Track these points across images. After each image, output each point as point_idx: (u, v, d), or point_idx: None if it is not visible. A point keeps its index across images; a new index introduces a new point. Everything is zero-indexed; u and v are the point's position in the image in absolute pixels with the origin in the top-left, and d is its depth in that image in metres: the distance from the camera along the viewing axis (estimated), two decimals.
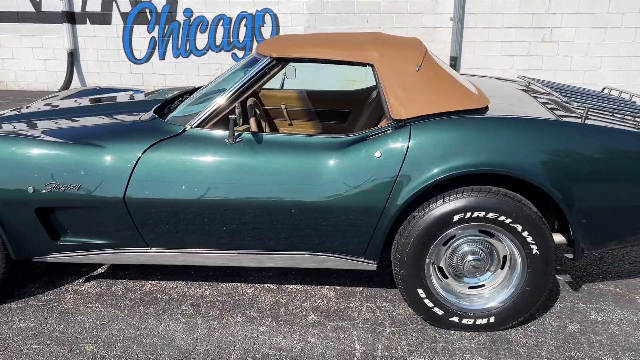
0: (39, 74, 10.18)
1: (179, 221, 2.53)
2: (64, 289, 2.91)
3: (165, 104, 3.01)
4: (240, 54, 9.41)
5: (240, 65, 2.93)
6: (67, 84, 9.86)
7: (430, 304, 2.50)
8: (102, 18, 9.71)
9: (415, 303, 2.51)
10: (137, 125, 2.64)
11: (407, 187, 2.36)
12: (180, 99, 3.15)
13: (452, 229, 2.40)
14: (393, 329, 2.58)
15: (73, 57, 9.95)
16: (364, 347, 2.44)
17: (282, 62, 2.61)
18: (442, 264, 2.55)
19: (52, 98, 3.53)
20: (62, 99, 3.45)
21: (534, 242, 2.36)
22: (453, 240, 2.51)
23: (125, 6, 9.59)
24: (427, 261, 2.44)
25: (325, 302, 2.80)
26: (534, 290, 2.45)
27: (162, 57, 9.76)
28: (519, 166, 2.31)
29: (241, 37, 9.34)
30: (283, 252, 2.59)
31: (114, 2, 9.58)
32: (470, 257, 2.48)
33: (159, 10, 9.49)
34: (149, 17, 9.56)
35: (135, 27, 9.72)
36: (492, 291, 2.55)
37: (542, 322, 2.62)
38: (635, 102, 2.99)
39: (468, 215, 2.35)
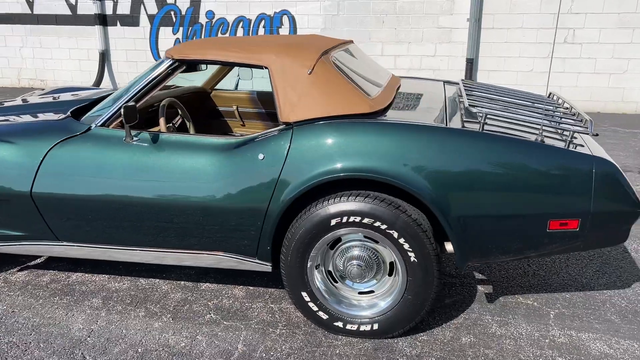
0: (74, 73, 10.71)
1: (82, 217, 2.64)
2: None
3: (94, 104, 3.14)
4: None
5: (151, 67, 3.01)
6: (97, 83, 10.35)
7: (315, 308, 2.49)
8: (131, 20, 10.12)
9: (301, 306, 2.51)
10: (48, 124, 2.77)
11: (287, 190, 2.36)
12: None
13: (332, 234, 2.38)
14: (284, 331, 2.58)
15: (104, 58, 10.42)
16: (246, 347, 2.46)
17: (183, 63, 2.66)
18: (330, 268, 2.53)
19: (29, 96, 3.70)
20: (39, 96, 3.60)
21: (411, 249, 2.31)
22: (340, 244, 2.49)
23: (152, 8, 9.95)
24: (309, 264, 2.43)
25: (231, 301, 2.84)
26: (416, 299, 2.39)
27: None
28: (392, 172, 2.26)
29: None
30: (182, 250, 2.64)
31: (142, 5, 9.94)
32: (354, 262, 2.45)
33: (183, 13, 9.77)
34: (174, 19, 9.87)
35: (161, 28, 10.06)
36: (378, 298, 2.50)
37: (435, 333, 2.55)
38: (561, 112, 2.85)
39: (345, 219, 2.33)
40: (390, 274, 2.50)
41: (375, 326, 2.46)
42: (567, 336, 2.52)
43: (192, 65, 2.81)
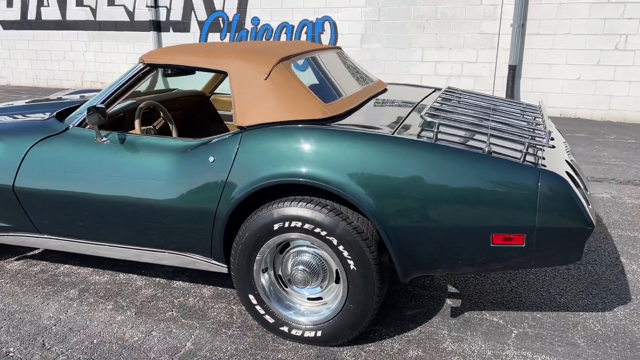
0: None
1: (58, 211, 2.80)
2: None
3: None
4: (300, 61, 9.59)
5: (126, 71, 3.14)
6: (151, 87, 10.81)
7: (262, 311, 2.51)
8: (182, 26, 10.53)
9: (249, 308, 2.54)
10: (32, 124, 2.96)
11: (233, 193, 2.40)
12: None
13: (275, 238, 2.39)
14: (235, 332, 2.62)
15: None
16: (194, 345, 2.52)
17: (154, 67, 2.77)
18: (280, 272, 2.55)
19: (54, 95, 3.95)
20: (64, 96, 3.86)
21: (350, 257, 2.28)
22: (288, 249, 2.50)
23: (202, 15, 10.31)
24: (255, 267, 2.46)
25: (196, 300, 2.91)
26: (358, 308, 2.35)
27: None
28: (331, 179, 2.25)
29: None
30: (144, 248, 2.75)
31: (192, 11, 10.33)
32: (299, 267, 2.46)
33: (230, 19, 10.07)
34: (222, 25, 10.19)
35: (210, 34, 10.41)
36: (324, 305, 2.49)
37: (384, 344, 2.50)
38: (538, 126, 2.72)
39: (287, 225, 2.34)
40: (337, 282, 2.48)
41: (319, 333, 2.45)
42: (521, 357, 2.40)
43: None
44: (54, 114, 3.06)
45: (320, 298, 2.53)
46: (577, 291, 2.96)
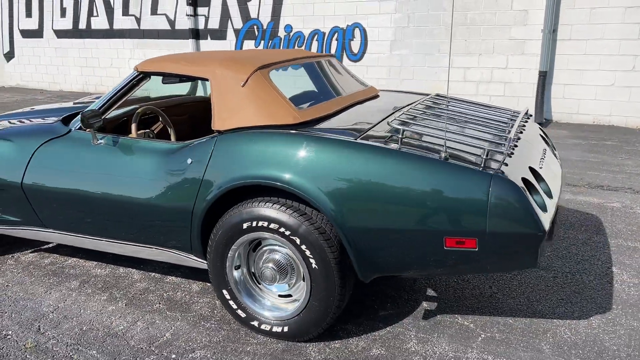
0: None
1: (59, 207, 3.04)
2: (10, 256, 3.62)
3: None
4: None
5: (124, 79, 3.35)
6: (190, 93, 11.22)
7: (234, 306, 2.65)
8: (219, 34, 10.89)
9: (224, 303, 2.68)
10: (40, 126, 3.22)
11: (207, 193, 2.56)
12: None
13: (245, 236, 2.52)
14: (213, 325, 2.77)
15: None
16: (172, 335, 2.69)
17: (147, 75, 2.96)
18: (253, 270, 2.68)
19: (81, 99, 4.24)
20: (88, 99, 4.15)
21: (312, 256, 2.39)
22: (260, 247, 2.63)
23: (238, 23, 10.63)
24: (228, 264, 2.60)
25: (183, 295, 3.08)
26: (321, 306, 2.45)
27: None
28: (293, 181, 2.36)
29: (332, 51, 9.74)
30: (135, 243, 2.94)
31: (229, 20, 10.67)
32: (268, 265, 2.58)
33: (264, 27, 10.34)
34: (256, 33, 10.46)
35: (245, 42, 10.71)
36: (291, 302, 2.60)
37: (350, 342, 2.59)
38: (506, 133, 2.75)
39: (255, 224, 2.47)
40: (304, 280, 2.58)
41: (286, 329, 2.56)
42: (479, 359, 2.44)
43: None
44: (61, 118, 3.31)
45: (290, 295, 2.64)
46: (558, 299, 2.94)
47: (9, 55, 14.29)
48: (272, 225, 2.43)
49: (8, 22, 14.03)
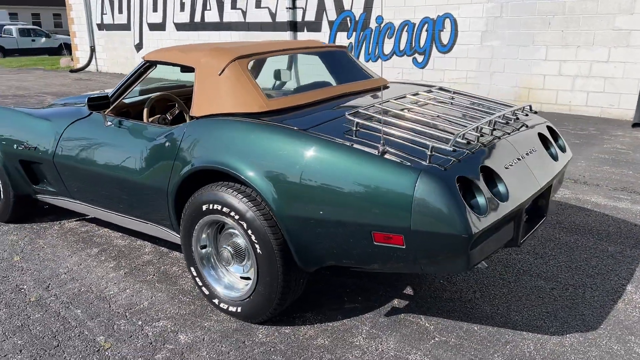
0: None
1: (78, 180, 3.41)
2: (58, 222, 4.11)
3: None
4: (420, 58, 9.66)
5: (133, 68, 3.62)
6: None
7: (200, 283, 2.81)
8: (314, 26, 11.14)
9: (193, 279, 2.85)
10: (70, 109, 3.61)
11: (175, 176, 2.74)
12: None
13: (206, 218, 2.66)
14: (187, 299, 2.95)
15: (291, 61, 11.63)
16: (149, 304, 2.91)
17: (152, 64, 3.21)
18: (218, 250, 2.81)
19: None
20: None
21: (256, 241, 2.46)
22: (224, 229, 2.75)
23: (332, 15, 10.80)
24: (193, 243, 2.77)
25: (178, 269, 3.31)
26: (266, 291, 2.52)
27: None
28: (238, 167, 2.45)
29: (422, 42, 9.57)
30: (128, 216, 3.23)
31: (324, 12, 10.87)
32: (226, 247, 2.70)
33: (357, 18, 10.40)
34: (349, 25, 10.56)
35: (338, 34, 10.86)
36: (245, 284, 2.69)
37: (301, 329, 2.63)
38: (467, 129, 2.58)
39: (211, 207, 2.59)
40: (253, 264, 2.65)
41: (239, 309, 2.66)
42: None
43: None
44: (86, 101, 3.69)
45: (248, 278, 2.74)
46: (542, 312, 2.71)
47: (139, 46, 15.75)
48: (224, 209, 2.54)
49: (139, 17, 15.49)
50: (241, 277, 2.77)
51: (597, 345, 2.43)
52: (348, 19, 10.56)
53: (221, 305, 2.73)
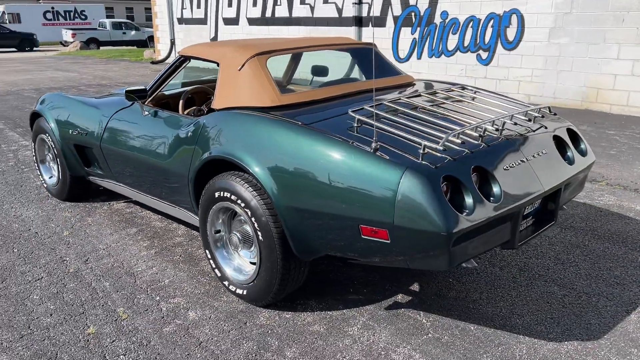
0: None
1: (119, 163, 3.71)
2: (108, 203, 4.47)
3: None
4: (484, 55, 9.48)
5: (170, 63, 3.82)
6: None
7: (213, 265, 2.99)
8: (379, 21, 11.16)
9: (208, 261, 3.04)
10: (118, 99, 3.90)
11: (194, 165, 2.93)
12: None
13: (218, 205, 2.82)
14: (204, 280, 3.15)
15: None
16: (169, 282, 3.13)
17: (186, 58, 3.42)
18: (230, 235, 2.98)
19: None
20: None
21: (259, 228, 2.60)
22: (237, 215, 2.91)
23: (397, 10, 10.78)
24: (208, 227, 2.95)
25: (202, 253, 3.51)
26: (267, 276, 2.65)
27: (419, 57, 10.58)
28: (243, 158, 2.60)
29: (487, 38, 9.37)
30: (158, 199, 3.48)
31: (389, 7, 10.87)
32: (236, 233, 2.85)
33: (422, 14, 10.32)
34: (413, 20, 10.49)
35: (402, 29, 10.82)
36: (252, 269, 2.83)
37: (301, 315, 2.74)
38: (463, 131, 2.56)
39: (222, 194, 2.76)
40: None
41: (245, 292, 2.81)
42: (407, 356, 2.39)
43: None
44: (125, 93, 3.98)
45: (255, 263, 2.88)
46: (546, 318, 2.67)
47: (214, 40, 16.37)
48: (232, 197, 2.69)
49: (215, 12, 16.10)
50: (250, 262, 2.91)
51: (595, 355, 2.37)
52: (413, 14, 10.47)
53: (230, 287, 2.90)
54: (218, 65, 3.13)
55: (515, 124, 2.77)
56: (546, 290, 2.92)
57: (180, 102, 3.69)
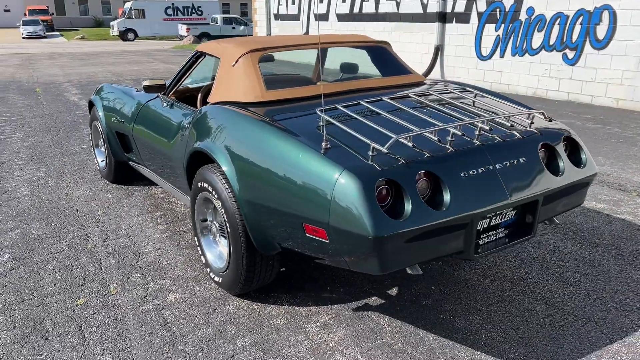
0: (414, 65, 12.04)
1: (145, 149, 3.97)
2: (147, 188, 4.79)
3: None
4: (570, 54, 8.92)
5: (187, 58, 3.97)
6: (426, 74, 11.49)
7: (200, 252, 3.13)
8: (464, 17, 10.82)
9: (197, 247, 3.19)
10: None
11: (186, 155, 3.08)
12: None
13: (201, 194, 2.95)
14: (198, 266, 3.30)
15: (438, 52, 11.43)
16: (167, 265, 3.32)
17: (201, 54, 3.58)
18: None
19: None
20: None
21: (227, 220, 2.69)
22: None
23: (482, 6, 10.40)
24: (195, 215, 3.09)
25: None
26: (234, 267, 2.73)
27: (502, 55, 10.17)
28: (215, 151, 2.70)
29: (574, 36, 8.81)
30: (170, 184, 3.68)
31: (474, 3, 10.50)
32: (215, 222, 2.97)
33: (507, 10, 9.90)
34: (498, 16, 10.06)
35: (486, 25, 10.42)
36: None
37: (267, 308, 2.79)
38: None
39: (203, 185, 2.88)
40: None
41: (220, 280, 2.92)
42: (347, 356, 2.37)
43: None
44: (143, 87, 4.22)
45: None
46: (515, 336, 2.50)
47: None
48: (209, 188, 2.81)
49: (307, 8, 16.42)
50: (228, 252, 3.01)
51: None
52: (498, 10, 10.00)
53: (211, 274, 3.02)
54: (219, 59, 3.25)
55: (511, 126, 2.62)
56: (531, 307, 2.74)
57: (199, 95, 3.88)
